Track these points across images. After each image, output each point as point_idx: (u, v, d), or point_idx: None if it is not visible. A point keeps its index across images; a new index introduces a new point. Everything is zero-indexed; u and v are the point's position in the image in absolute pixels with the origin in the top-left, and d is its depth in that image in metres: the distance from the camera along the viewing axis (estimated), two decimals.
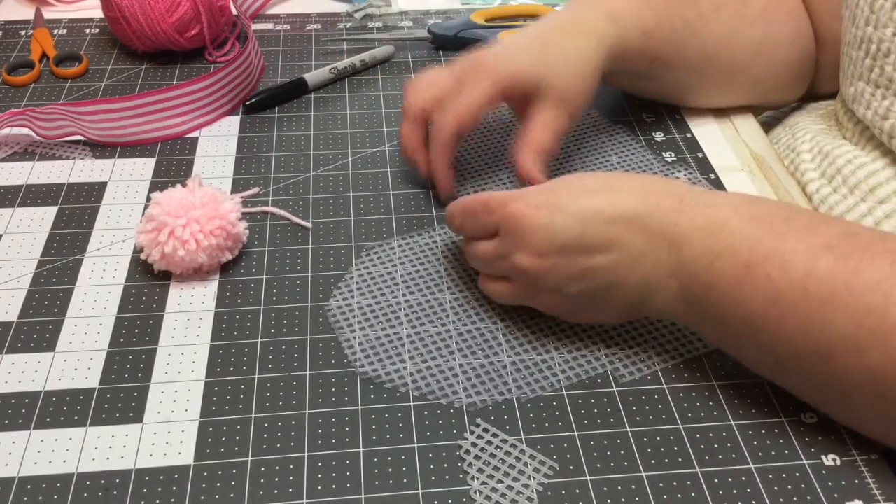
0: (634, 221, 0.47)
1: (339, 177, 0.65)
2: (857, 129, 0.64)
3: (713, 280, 0.45)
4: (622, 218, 0.47)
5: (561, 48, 0.60)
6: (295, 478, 0.45)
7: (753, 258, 0.44)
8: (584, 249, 0.48)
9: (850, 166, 0.62)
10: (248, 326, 0.53)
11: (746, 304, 0.44)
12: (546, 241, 0.48)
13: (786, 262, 0.43)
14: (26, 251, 0.58)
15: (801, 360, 0.44)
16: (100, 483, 0.44)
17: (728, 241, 0.45)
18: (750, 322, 0.45)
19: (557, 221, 0.47)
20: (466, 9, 0.88)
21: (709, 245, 0.46)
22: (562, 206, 0.48)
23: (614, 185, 0.49)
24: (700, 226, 0.46)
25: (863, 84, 0.61)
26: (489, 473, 0.45)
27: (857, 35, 0.61)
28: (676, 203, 0.47)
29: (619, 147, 0.68)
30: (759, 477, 0.45)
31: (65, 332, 0.52)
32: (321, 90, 0.75)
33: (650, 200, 0.48)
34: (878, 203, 0.60)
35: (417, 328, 0.53)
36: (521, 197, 0.49)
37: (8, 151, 0.67)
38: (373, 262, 0.57)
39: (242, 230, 0.56)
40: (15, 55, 0.78)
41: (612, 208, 0.48)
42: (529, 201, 0.49)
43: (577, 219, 0.48)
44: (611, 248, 0.47)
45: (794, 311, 0.43)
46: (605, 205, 0.48)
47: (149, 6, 0.73)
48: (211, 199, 0.55)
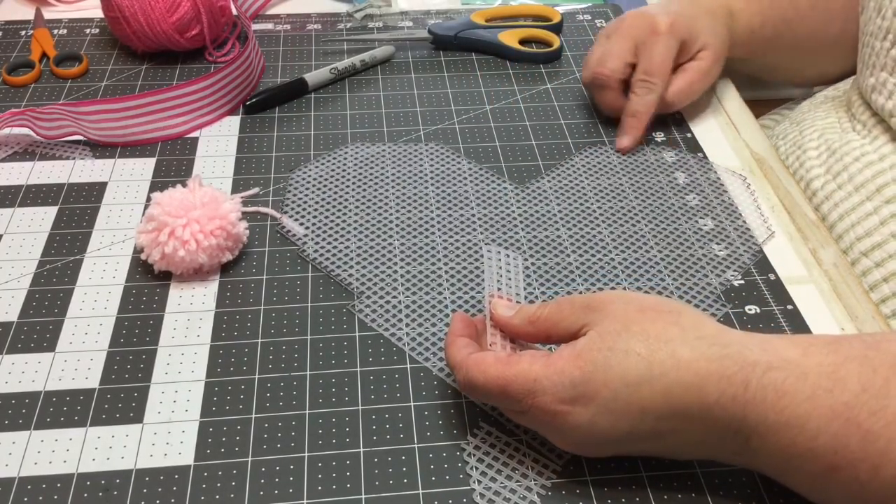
0: (693, 415, 0.40)
1: None
2: (871, 122, 0.64)
3: (791, 475, 0.41)
4: (679, 414, 0.40)
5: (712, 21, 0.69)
6: (295, 478, 0.45)
7: (839, 461, 0.38)
8: (632, 440, 0.42)
9: (857, 164, 0.62)
10: (248, 326, 0.53)
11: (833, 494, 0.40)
12: (587, 437, 0.42)
13: (876, 467, 0.38)
14: (26, 251, 0.58)
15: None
16: (100, 483, 0.44)
17: (808, 444, 0.39)
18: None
19: (599, 421, 0.41)
20: (466, 9, 0.88)
21: (785, 446, 0.39)
22: (600, 401, 0.40)
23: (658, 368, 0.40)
24: (773, 423, 0.39)
25: (885, 74, 0.61)
26: (492, 476, 0.45)
27: (884, 26, 0.61)
28: (741, 391, 0.39)
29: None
30: (759, 477, 0.45)
31: (65, 332, 0.52)
32: (321, 90, 0.75)
33: (709, 392, 0.40)
34: (884, 202, 0.60)
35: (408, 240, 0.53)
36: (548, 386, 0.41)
37: (8, 151, 0.67)
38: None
39: (243, 230, 0.56)
40: (15, 55, 0.78)
41: (664, 405, 0.40)
42: (561, 393, 0.41)
43: (623, 416, 0.41)
44: (665, 437, 0.41)
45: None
46: (654, 399, 0.40)
47: (149, 6, 0.73)
48: (211, 200, 0.55)
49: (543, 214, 0.61)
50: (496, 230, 0.60)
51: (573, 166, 0.66)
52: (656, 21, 0.67)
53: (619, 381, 0.40)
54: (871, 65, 0.63)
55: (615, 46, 0.67)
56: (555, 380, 0.41)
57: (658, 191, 0.64)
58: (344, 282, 0.56)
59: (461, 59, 0.80)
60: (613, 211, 0.62)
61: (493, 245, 0.58)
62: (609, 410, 0.40)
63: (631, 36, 0.67)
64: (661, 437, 0.41)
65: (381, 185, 0.64)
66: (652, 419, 0.40)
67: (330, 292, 0.55)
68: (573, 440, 0.43)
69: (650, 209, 0.62)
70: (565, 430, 0.42)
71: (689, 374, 0.40)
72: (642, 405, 0.40)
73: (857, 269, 0.59)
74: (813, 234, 0.61)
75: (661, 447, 0.43)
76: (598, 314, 0.42)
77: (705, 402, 0.40)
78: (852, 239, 0.60)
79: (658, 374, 0.40)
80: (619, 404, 0.40)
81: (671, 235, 0.60)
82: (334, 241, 0.59)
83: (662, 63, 0.66)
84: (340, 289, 0.55)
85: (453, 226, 0.60)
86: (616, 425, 0.41)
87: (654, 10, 0.68)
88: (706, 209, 0.62)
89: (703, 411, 0.40)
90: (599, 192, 0.64)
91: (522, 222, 0.61)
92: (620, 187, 0.64)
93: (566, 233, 0.60)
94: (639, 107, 0.67)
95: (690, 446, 0.42)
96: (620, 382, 0.40)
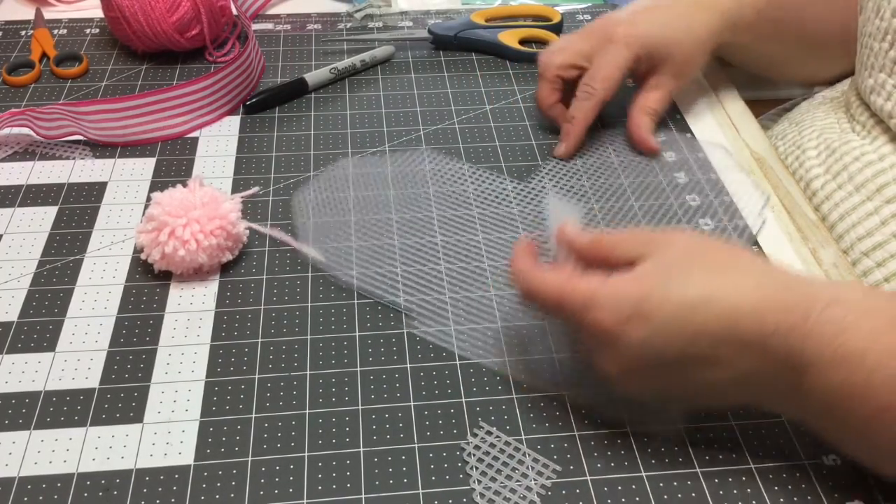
0: (750, 344, 0.40)
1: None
2: (870, 122, 0.64)
3: (844, 415, 0.40)
4: (735, 340, 0.40)
5: (689, 24, 0.66)
6: (295, 478, 0.45)
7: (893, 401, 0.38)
8: (683, 365, 0.41)
9: (857, 164, 0.62)
10: (248, 326, 0.53)
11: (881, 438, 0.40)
12: (638, 358, 0.41)
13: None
14: (26, 251, 0.58)
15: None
16: (100, 483, 0.44)
17: (864, 381, 0.38)
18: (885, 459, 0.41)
19: (652, 341, 0.41)
20: (466, 9, 0.88)
21: (841, 382, 0.39)
22: (656, 320, 0.40)
23: (720, 291, 0.40)
24: (830, 358, 0.39)
25: (884, 76, 0.61)
26: (492, 476, 0.45)
27: (882, 27, 0.61)
28: (801, 322, 0.39)
29: (618, 147, 0.68)
30: (759, 477, 0.45)
31: (65, 332, 0.52)
32: (321, 90, 0.75)
33: (769, 319, 0.39)
34: (884, 202, 0.60)
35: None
36: (605, 302, 0.41)
37: (8, 151, 0.67)
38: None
39: (243, 230, 0.56)
40: (15, 55, 0.78)
41: (723, 327, 0.40)
42: (617, 310, 0.41)
43: (678, 337, 0.40)
44: (718, 365, 0.41)
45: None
46: (712, 322, 0.40)
47: (149, 6, 0.73)
48: (211, 200, 0.55)
49: (544, 214, 0.61)
50: (496, 230, 0.60)
51: (573, 166, 0.66)
52: (615, 30, 0.65)
53: (677, 301, 0.40)
54: (870, 66, 0.63)
55: (571, 45, 0.67)
56: (611, 297, 0.41)
57: (658, 191, 0.64)
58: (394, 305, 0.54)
59: (461, 59, 0.80)
60: (613, 211, 0.62)
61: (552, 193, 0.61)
62: (663, 331, 0.40)
63: (590, 40, 0.66)
64: (713, 366, 0.41)
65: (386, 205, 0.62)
66: (706, 343, 0.40)
67: (330, 292, 0.55)
68: (623, 361, 0.42)
69: (650, 209, 0.62)
70: (617, 349, 0.41)
71: (750, 300, 0.40)
72: (697, 327, 0.40)
73: (857, 270, 0.59)
74: (813, 234, 0.61)
75: (710, 382, 0.42)
76: (659, 246, 0.43)
77: (763, 330, 0.39)
78: (853, 239, 0.60)
79: (717, 298, 0.40)
80: (674, 325, 0.40)
81: None
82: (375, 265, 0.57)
83: (607, 73, 0.64)
84: (341, 290, 0.55)
85: (455, 224, 0.60)
86: (669, 346, 0.40)
87: (622, 17, 0.67)
88: (706, 209, 0.62)
89: (760, 339, 0.39)
90: (599, 192, 0.64)
91: (522, 221, 0.61)
92: (620, 187, 0.64)
93: None
94: (575, 112, 0.65)
95: (740, 383, 0.41)
96: (678, 303, 0.40)
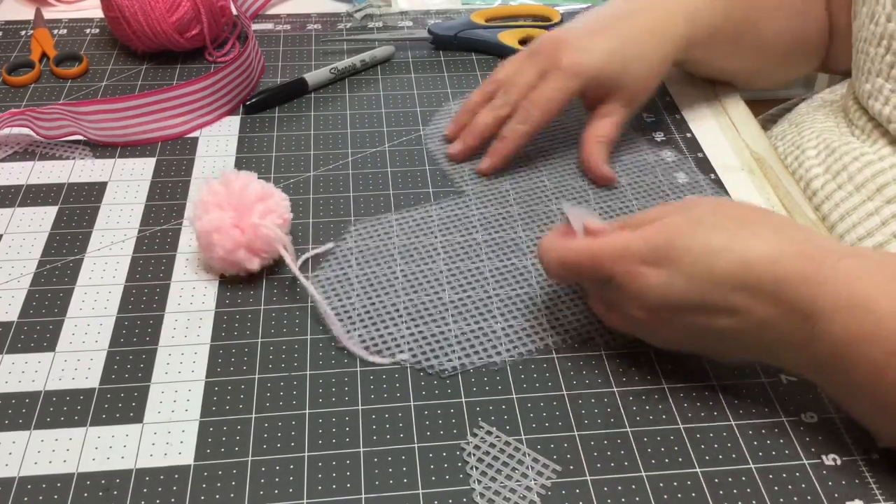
0: (764, 291, 0.42)
1: (339, 177, 0.65)
2: (868, 127, 0.64)
3: (852, 364, 0.41)
4: (751, 286, 0.42)
5: (641, 51, 0.64)
6: (295, 478, 0.45)
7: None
8: (703, 311, 0.44)
9: (856, 164, 0.62)
10: (248, 326, 0.53)
11: (887, 388, 0.40)
12: (662, 301, 0.44)
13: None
14: (26, 251, 0.58)
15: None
16: (100, 483, 0.44)
17: (874, 326, 0.40)
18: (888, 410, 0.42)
19: (675, 284, 0.44)
20: (466, 9, 0.88)
21: (851, 328, 0.40)
22: (680, 265, 0.43)
23: (741, 240, 0.43)
24: (842, 304, 0.41)
25: (881, 80, 0.61)
26: (492, 476, 0.45)
27: (877, 32, 0.61)
28: (815, 271, 0.41)
29: (619, 147, 0.68)
30: (759, 477, 0.45)
31: (65, 332, 0.52)
32: (321, 90, 0.75)
33: (784, 266, 0.42)
34: (885, 203, 0.60)
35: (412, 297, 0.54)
36: (635, 249, 0.45)
37: (8, 151, 0.67)
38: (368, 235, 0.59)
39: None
40: (15, 55, 0.78)
41: (740, 273, 0.42)
42: (644, 257, 0.44)
43: (698, 282, 0.43)
44: (734, 313, 0.43)
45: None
46: (730, 268, 0.43)
47: (149, 6, 0.73)
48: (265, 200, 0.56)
49: (543, 213, 0.61)
50: (496, 229, 0.60)
51: (568, 166, 0.66)
52: (561, 57, 0.62)
53: (701, 247, 0.43)
54: (867, 70, 0.63)
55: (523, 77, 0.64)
56: (641, 244, 0.45)
57: (658, 191, 0.64)
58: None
59: (461, 59, 0.80)
60: (613, 211, 0.62)
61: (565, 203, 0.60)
62: (686, 275, 0.43)
63: (535, 66, 0.63)
64: (730, 313, 0.43)
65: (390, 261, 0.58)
66: (726, 289, 0.43)
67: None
68: (649, 305, 0.45)
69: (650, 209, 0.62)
70: (643, 290, 0.45)
71: (768, 249, 0.43)
72: (718, 273, 0.43)
73: None
74: None
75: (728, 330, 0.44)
76: (686, 205, 0.46)
77: (780, 277, 0.42)
78: (854, 239, 0.60)
79: (739, 247, 0.43)
80: (696, 269, 0.43)
81: None
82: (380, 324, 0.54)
83: (548, 99, 0.62)
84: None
85: (456, 224, 0.60)
86: (690, 290, 0.43)
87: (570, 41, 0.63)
88: None
89: (776, 286, 0.42)
90: (599, 192, 0.64)
91: (522, 221, 0.61)
92: (620, 187, 0.64)
93: None
94: (508, 132, 0.63)
95: (754, 333, 0.43)
96: (702, 249, 0.43)
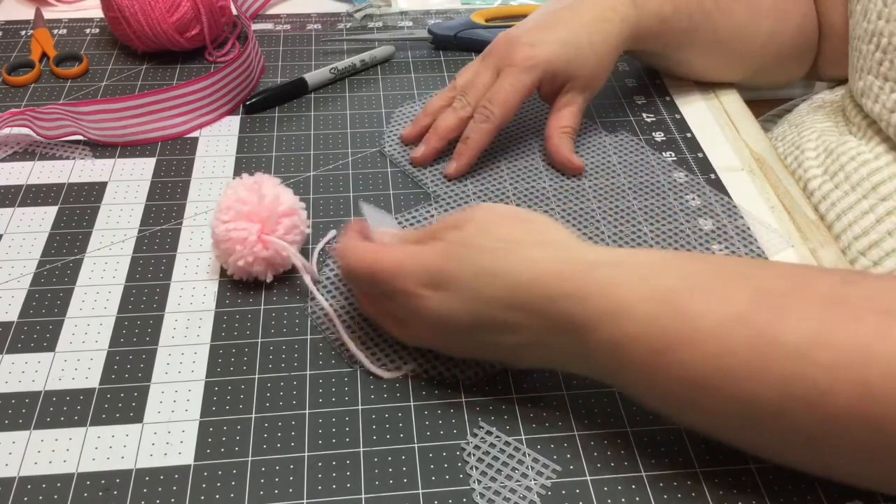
0: (534, 309, 0.43)
1: (339, 177, 0.65)
2: (864, 124, 0.64)
3: (623, 367, 0.43)
4: (520, 305, 0.44)
5: (590, 38, 0.64)
6: (295, 478, 0.45)
7: (660, 344, 0.41)
8: (482, 330, 0.45)
9: (853, 163, 0.63)
10: (248, 326, 0.53)
11: (662, 387, 0.42)
12: (441, 322, 0.46)
13: (695, 344, 0.40)
14: (26, 251, 0.58)
15: (729, 431, 0.42)
16: (100, 483, 0.44)
17: (631, 328, 0.41)
18: (666, 400, 0.43)
19: (451, 306, 0.45)
20: (466, 9, 0.88)
21: (613, 333, 0.42)
22: (453, 289, 0.45)
23: (508, 264, 0.44)
24: (603, 310, 0.42)
25: (872, 77, 0.61)
26: (492, 476, 0.45)
27: (869, 29, 0.61)
28: (576, 286, 0.43)
29: (619, 147, 0.68)
30: (759, 477, 0.45)
31: (65, 332, 0.52)
32: (321, 90, 0.75)
33: (548, 286, 0.43)
34: (880, 200, 0.60)
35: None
36: (410, 271, 0.46)
37: (8, 151, 0.67)
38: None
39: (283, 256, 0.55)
40: (15, 55, 0.78)
41: (510, 294, 0.44)
42: (421, 279, 0.45)
43: (472, 303, 0.44)
44: (510, 330, 0.44)
45: (715, 390, 0.40)
46: (501, 289, 0.44)
47: (149, 6, 0.73)
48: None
49: (543, 213, 0.61)
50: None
51: (539, 160, 0.66)
52: (515, 54, 0.63)
53: (470, 272, 0.44)
54: (860, 68, 0.63)
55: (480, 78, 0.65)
56: (417, 266, 0.46)
57: (658, 191, 0.64)
58: None
59: (461, 59, 0.80)
60: (613, 211, 0.62)
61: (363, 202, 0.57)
62: (459, 297, 0.45)
63: (494, 65, 0.65)
64: (506, 331, 0.44)
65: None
66: (498, 308, 0.44)
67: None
68: (430, 325, 0.46)
69: (650, 209, 0.62)
70: (422, 313, 0.46)
71: (533, 271, 0.44)
72: (489, 295, 0.44)
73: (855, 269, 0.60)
74: (813, 234, 0.61)
75: (508, 346, 0.45)
76: (459, 223, 0.47)
77: (545, 296, 0.43)
78: (850, 238, 0.61)
79: (505, 270, 0.44)
80: (468, 292, 0.44)
81: (671, 235, 0.60)
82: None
83: (506, 97, 0.63)
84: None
85: None
86: (465, 313, 0.45)
87: (521, 38, 0.64)
88: (706, 209, 0.62)
89: (542, 305, 0.43)
90: (599, 192, 0.64)
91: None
92: (620, 187, 0.64)
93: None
94: (471, 133, 0.64)
95: (533, 347, 0.45)
96: (471, 274, 0.44)
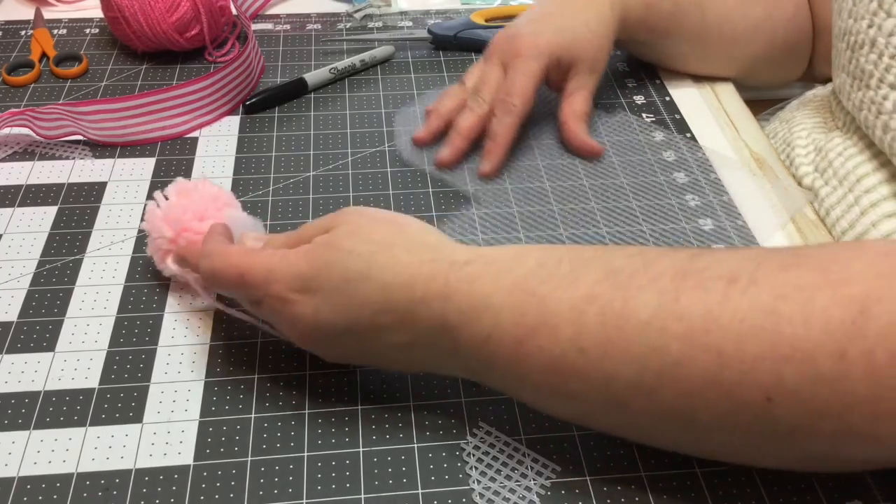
0: (406, 311, 0.43)
1: (339, 177, 0.65)
2: (847, 119, 0.65)
3: (491, 361, 0.43)
4: (390, 310, 0.43)
5: (585, 22, 0.66)
6: (295, 478, 0.45)
7: (521, 333, 0.41)
8: (356, 334, 0.44)
9: (840, 159, 0.63)
10: (248, 326, 0.53)
11: (529, 376, 0.42)
12: (314, 327, 0.45)
13: (552, 329, 0.40)
14: (26, 251, 0.58)
15: (598, 414, 0.42)
16: (100, 483, 0.44)
17: (493, 320, 0.42)
18: (537, 391, 0.43)
19: (322, 311, 0.44)
20: (466, 9, 0.88)
21: (480, 328, 0.42)
22: (323, 294, 0.44)
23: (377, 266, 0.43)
24: (468, 306, 0.42)
25: (844, 75, 0.62)
26: (491, 476, 0.45)
27: (842, 27, 0.62)
28: (442, 286, 0.43)
29: (619, 147, 0.68)
30: (759, 477, 0.45)
31: (65, 332, 0.52)
32: (321, 90, 0.75)
33: (417, 288, 0.43)
34: (863, 192, 0.60)
35: None
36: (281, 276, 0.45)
37: (8, 151, 0.67)
38: None
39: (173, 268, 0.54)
40: (15, 55, 0.78)
41: (380, 300, 0.43)
42: (291, 285, 0.44)
43: (343, 308, 0.44)
44: (382, 333, 0.44)
45: (576, 372, 0.40)
46: (370, 296, 0.43)
47: (149, 6, 0.74)
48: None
49: (543, 213, 0.62)
50: (495, 229, 0.60)
51: (570, 164, 0.66)
52: (519, 45, 0.65)
53: (341, 276, 0.44)
54: (837, 66, 0.64)
55: (489, 76, 0.66)
56: (287, 271, 0.45)
57: (658, 190, 0.64)
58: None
59: (461, 59, 0.80)
60: (613, 210, 0.62)
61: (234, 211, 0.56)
62: (331, 302, 0.44)
63: (499, 62, 0.66)
64: (381, 332, 0.44)
65: None
66: (369, 313, 0.43)
67: None
68: (303, 331, 0.45)
69: (650, 209, 0.62)
70: (294, 318, 0.45)
71: (403, 273, 0.43)
72: (360, 299, 0.43)
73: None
74: (812, 234, 0.61)
75: (384, 348, 0.45)
76: (335, 225, 0.46)
77: (413, 298, 0.43)
78: (838, 233, 0.61)
79: (376, 273, 0.43)
80: (339, 297, 0.44)
81: (671, 235, 0.60)
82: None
83: (523, 85, 0.64)
84: None
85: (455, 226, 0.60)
86: (337, 316, 0.44)
87: (522, 30, 0.66)
88: (706, 209, 0.62)
89: (411, 307, 0.43)
90: (599, 192, 0.64)
91: (522, 221, 0.61)
92: (620, 187, 0.64)
93: (565, 232, 0.60)
94: (497, 128, 0.64)
95: (408, 349, 0.45)
96: (341, 278, 0.44)
